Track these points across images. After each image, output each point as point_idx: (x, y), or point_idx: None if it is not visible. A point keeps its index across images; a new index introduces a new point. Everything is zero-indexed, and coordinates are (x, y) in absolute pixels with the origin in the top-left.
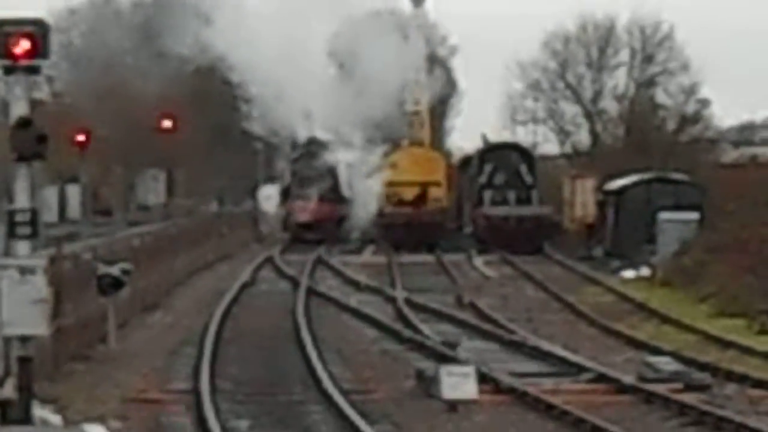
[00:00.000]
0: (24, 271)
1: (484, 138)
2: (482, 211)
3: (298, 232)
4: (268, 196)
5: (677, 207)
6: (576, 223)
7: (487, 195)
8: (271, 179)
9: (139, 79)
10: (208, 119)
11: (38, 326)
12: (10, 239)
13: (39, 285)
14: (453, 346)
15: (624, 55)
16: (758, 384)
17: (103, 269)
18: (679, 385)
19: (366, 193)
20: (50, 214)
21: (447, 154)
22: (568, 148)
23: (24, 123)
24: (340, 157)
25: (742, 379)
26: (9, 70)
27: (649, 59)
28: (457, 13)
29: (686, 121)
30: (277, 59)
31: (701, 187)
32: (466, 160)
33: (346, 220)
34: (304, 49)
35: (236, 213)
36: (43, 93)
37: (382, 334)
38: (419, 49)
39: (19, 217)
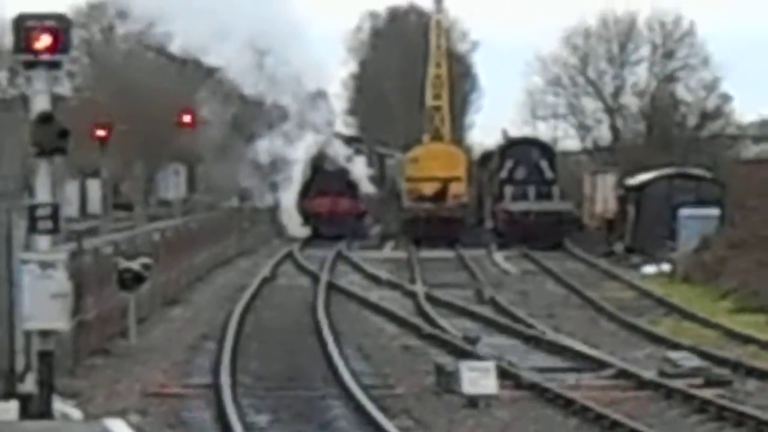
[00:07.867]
0: (45, 265)
1: (505, 133)
2: (503, 206)
3: (318, 227)
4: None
5: (698, 203)
6: (596, 219)
7: (508, 190)
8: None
9: (158, 74)
10: (226, 115)
11: (59, 321)
12: (32, 234)
13: (60, 279)
14: (473, 341)
15: (645, 51)
16: None
17: (123, 264)
18: (699, 381)
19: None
20: (71, 209)
21: (467, 150)
22: (588, 144)
23: (45, 118)
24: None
25: (762, 375)
26: (30, 65)
27: (669, 54)
28: (478, 9)
29: (707, 116)
30: None
31: (722, 183)
32: (487, 156)
33: (366, 215)
34: None
35: (257, 208)
36: (64, 88)
37: (402, 330)
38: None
39: (40, 212)
